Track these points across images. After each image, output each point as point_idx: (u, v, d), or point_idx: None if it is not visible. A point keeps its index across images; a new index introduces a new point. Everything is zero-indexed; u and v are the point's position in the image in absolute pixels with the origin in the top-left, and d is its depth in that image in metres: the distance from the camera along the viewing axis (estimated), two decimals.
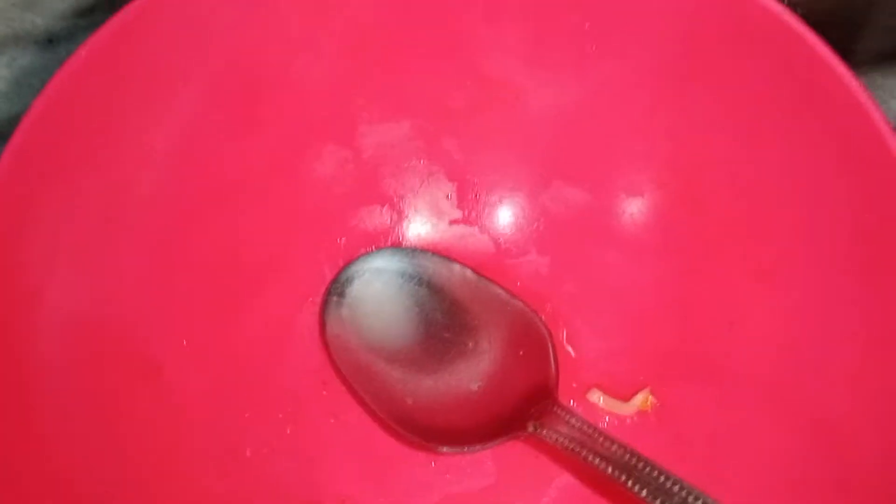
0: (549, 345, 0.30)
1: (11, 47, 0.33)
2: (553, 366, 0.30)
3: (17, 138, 0.26)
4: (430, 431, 0.30)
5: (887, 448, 0.26)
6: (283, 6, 0.28)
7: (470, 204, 0.33)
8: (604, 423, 0.31)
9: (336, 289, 0.31)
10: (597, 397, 0.31)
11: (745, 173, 0.29)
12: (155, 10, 0.27)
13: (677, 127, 0.30)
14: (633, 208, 0.32)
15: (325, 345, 0.31)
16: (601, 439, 0.27)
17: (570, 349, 0.32)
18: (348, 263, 0.32)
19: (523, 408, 0.29)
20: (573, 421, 0.28)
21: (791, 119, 0.27)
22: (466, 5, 0.29)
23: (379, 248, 0.32)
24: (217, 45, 0.28)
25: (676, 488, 0.26)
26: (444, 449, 0.30)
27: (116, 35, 0.27)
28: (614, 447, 0.27)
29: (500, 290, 0.31)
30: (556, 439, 0.28)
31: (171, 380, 0.29)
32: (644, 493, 0.26)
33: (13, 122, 0.32)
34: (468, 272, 0.32)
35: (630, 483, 0.26)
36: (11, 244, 0.26)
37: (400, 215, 0.33)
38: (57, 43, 0.33)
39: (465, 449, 0.29)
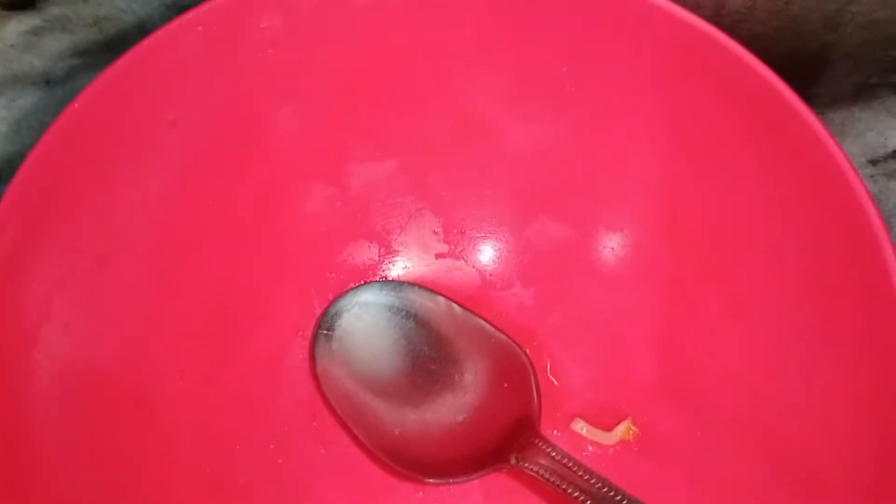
0: (532, 378, 0.31)
1: (10, 88, 0.34)
2: (535, 399, 0.31)
3: (16, 183, 0.27)
4: (416, 462, 0.30)
5: (864, 480, 0.27)
6: (273, 54, 0.29)
7: (456, 238, 0.34)
8: (587, 453, 0.32)
9: (325, 323, 0.32)
10: (580, 427, 0.32)
11: (718, 211, 0.30)
12: (149, 60, 0.28)
13: (654, 166, 0.31)
14: (614, 243, 0.32)
15: (315, 377, 0.32)
16: (580, 472, 0.28)
17: (553, 380, 0.33)
18: (337, 298, 0.33)
19: (507, 440, 0.30)
20: (554, 453, 0.29)
21: (762, 161, 0.28)
22: (449, 51, 0.30)
23: (367, 283, 0.33)
24: (209, 91, 0.29)
25: None
26: (431, 480, 0.30)
27: (112, 84, 0.28)
28: (593, 480, 0.28)
29: (484, 324, 0.32)
30: (538, 471, 0.29)
31: (165, 413, 0.30)
32: None
33: (12, 161, 0.33)
34: (454, 306, 0.33)
35: None
36: (11, 284, 0.27)
37: (388, 250, 0.34)
38: (55, 83, 0.34)
39: (451, 480, 0.30)
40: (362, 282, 0.33)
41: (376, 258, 0.34)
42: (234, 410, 0.31)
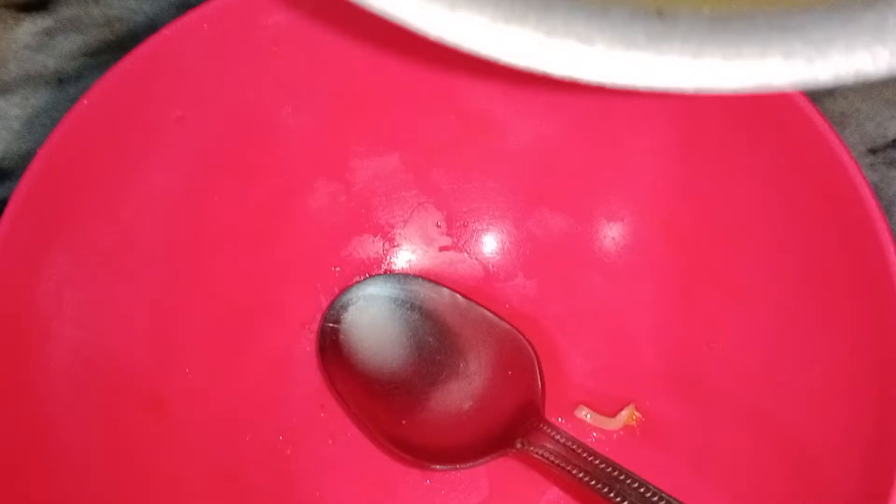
0: (536, 365, 0.32)
1: (23, 87, 0.35)
2: (540, 385, 0.31)
3: (27, 178, 0.27)
4: (423, 450, 0.31)
5: (860, 465, 0.27)
6: (276, 52, 0.30)
7: (458, 231, 0.34)
8: (591, 439, 0.32)
9: (331, 316, 0.33)
10: (584, 414, 0.32)
11: (717, 201, 0.30)
12: (156, 57, 0.28)
13: (653, 157, 0.31)
14: (614, 233, 0.33)
15: (323, 369, 0.33)
16: (585, 454, 0.28)
17: (557, 368, 0.33)
18: (343, 291, 0.33)
19: (512, 425, 0.30)
20: (559, 437, 0.29)
21: (760, 151, 0.29)
22: (449, 47, 0.31)
23: (372, 276, 0.34)
24: (215, 88, 0.30)
25: (656, 499, 0.27)
26: (438, 467, 0.31)
27: (120, 80, 0.28)
28: (598, 461, 0.28)
29: (488, 314, 0.33)
30: (543, 455, 0.29)
31: (175, 405, 0.31)
32: None
33: (26, 158, 0.34)
34: (458, 297, 0.33)
35: (613, 495, 0.27)
36: (24, 278, 0.28)
37: (391, 244, 0.34)
38: (67, 82, 0.35)
39: (458, 466, 0.31)
40: (367, 275, 0.34)
41: (381, 252, 0.34)
42: (242, 403, 0.32)
